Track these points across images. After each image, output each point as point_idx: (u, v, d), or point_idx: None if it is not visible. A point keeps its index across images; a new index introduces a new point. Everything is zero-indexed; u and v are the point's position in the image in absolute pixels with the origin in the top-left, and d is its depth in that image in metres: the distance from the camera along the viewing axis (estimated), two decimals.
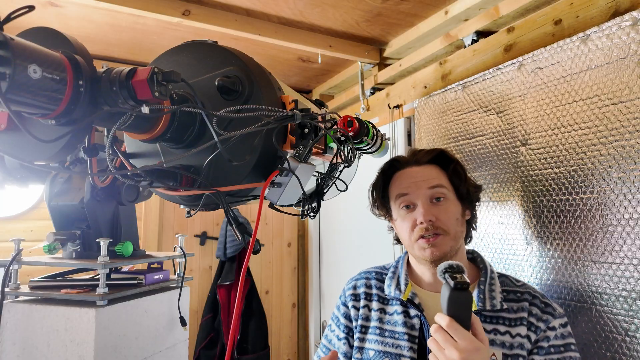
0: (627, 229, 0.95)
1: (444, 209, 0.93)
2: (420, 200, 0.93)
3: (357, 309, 1.02)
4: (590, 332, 1.01)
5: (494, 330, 0.87)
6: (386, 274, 1.05)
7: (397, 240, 1.07)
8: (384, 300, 1.00)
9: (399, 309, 0.96)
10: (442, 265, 0.73)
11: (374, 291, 1.03)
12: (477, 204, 1.03)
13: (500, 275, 0.97)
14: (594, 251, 1.01)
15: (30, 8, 0.52)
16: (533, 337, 0.86)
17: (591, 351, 1.00)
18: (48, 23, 1.65)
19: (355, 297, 1.04)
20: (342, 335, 1.02)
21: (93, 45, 1.88)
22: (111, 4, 1.42)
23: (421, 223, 0.91)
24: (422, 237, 0.91)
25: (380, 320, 0.97)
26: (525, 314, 0.88)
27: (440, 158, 1.00)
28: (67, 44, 0.58)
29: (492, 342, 0.85)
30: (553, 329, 0.86)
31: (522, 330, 0.86)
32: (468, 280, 0.70)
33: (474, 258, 1.01)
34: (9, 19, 0.50)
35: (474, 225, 1.04)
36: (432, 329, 0.71)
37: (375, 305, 1.00)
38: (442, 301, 0.71)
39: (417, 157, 1.00)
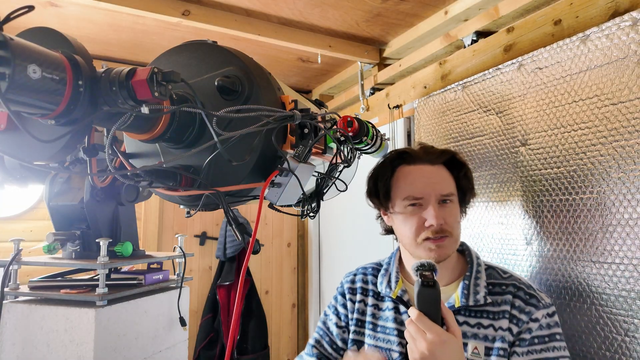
0: (626, 229, 0.95)
1: (450, 211, 0.94)
2: (432, 201, 0.93)
3: (354, 302, 1.06)
4: (590, 332, 1.01)
5: (477, 324, 0.90)
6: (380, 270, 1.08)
7: (387, 232, 1.07)
8: (378, 297, 1.04)
9: (390, 305, 1.00)
10: (416, 263, 0.78)
11: (370, 287, 1.06)
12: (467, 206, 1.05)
13: (488, 268, 0.98)
14: (594, 251, 1.01)
15: (30, 8, 0.52)
16: (515, 329, 0.87)
17: (591, 351, 1.00)
18: (48, 23, 1.64)
19: (353, 291, 1.08)
20: (341, 323, 1.07)
21: (93, 45, 1.88)
22: (111, 4, 1.42)
23: (431, 225, 0.91)
24: (429, 239, 0.92)
25: (374, 315, 1.02)
26: (508, 307, 0.90)
27: (451, 161, 1.00)
28: (66, 44, 0.58)
29: (475, 336, 0.89)
30: (536, 320, 0.87)
31: (504, 323, 0.88)
32: (435, 278, 0.76)
33: (463, 251, 1.03)
34: (8, 19, 0.50)
35: None
36: (407, 322, 0.77)
37: (370, 300, 1.04)
38: (414, 296, 0.77)
39: (430, 157, 0.99)
